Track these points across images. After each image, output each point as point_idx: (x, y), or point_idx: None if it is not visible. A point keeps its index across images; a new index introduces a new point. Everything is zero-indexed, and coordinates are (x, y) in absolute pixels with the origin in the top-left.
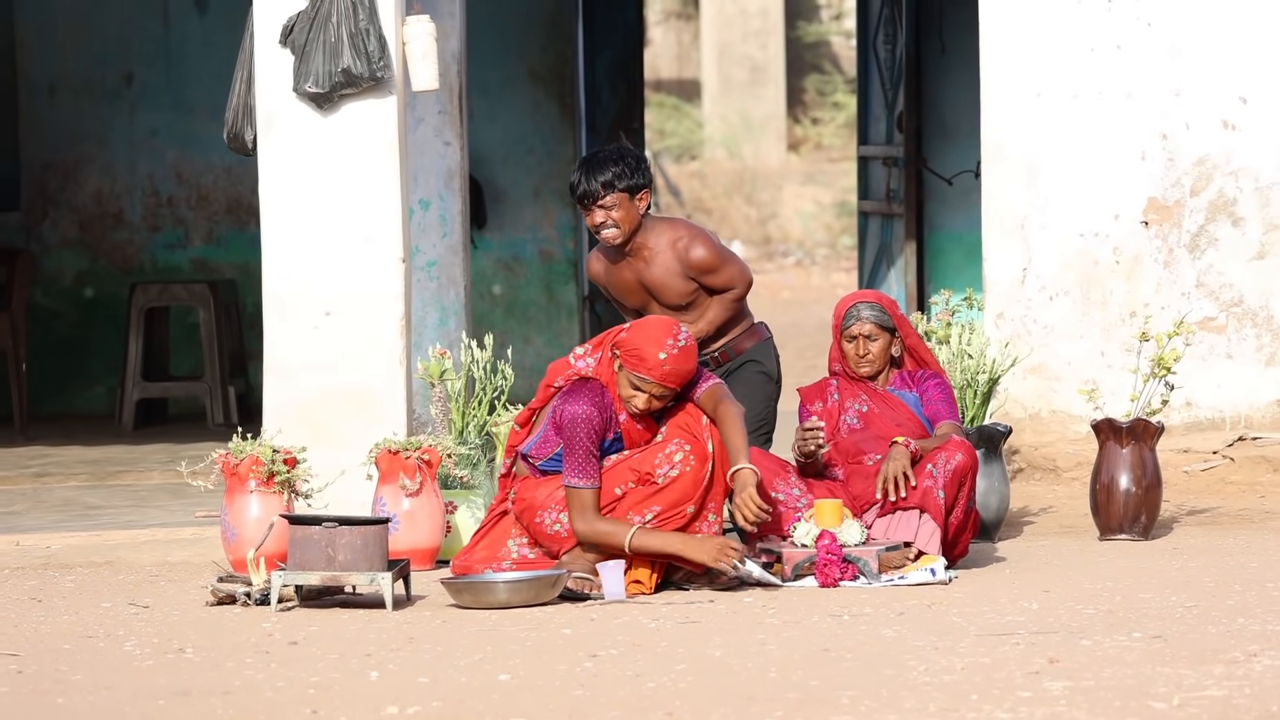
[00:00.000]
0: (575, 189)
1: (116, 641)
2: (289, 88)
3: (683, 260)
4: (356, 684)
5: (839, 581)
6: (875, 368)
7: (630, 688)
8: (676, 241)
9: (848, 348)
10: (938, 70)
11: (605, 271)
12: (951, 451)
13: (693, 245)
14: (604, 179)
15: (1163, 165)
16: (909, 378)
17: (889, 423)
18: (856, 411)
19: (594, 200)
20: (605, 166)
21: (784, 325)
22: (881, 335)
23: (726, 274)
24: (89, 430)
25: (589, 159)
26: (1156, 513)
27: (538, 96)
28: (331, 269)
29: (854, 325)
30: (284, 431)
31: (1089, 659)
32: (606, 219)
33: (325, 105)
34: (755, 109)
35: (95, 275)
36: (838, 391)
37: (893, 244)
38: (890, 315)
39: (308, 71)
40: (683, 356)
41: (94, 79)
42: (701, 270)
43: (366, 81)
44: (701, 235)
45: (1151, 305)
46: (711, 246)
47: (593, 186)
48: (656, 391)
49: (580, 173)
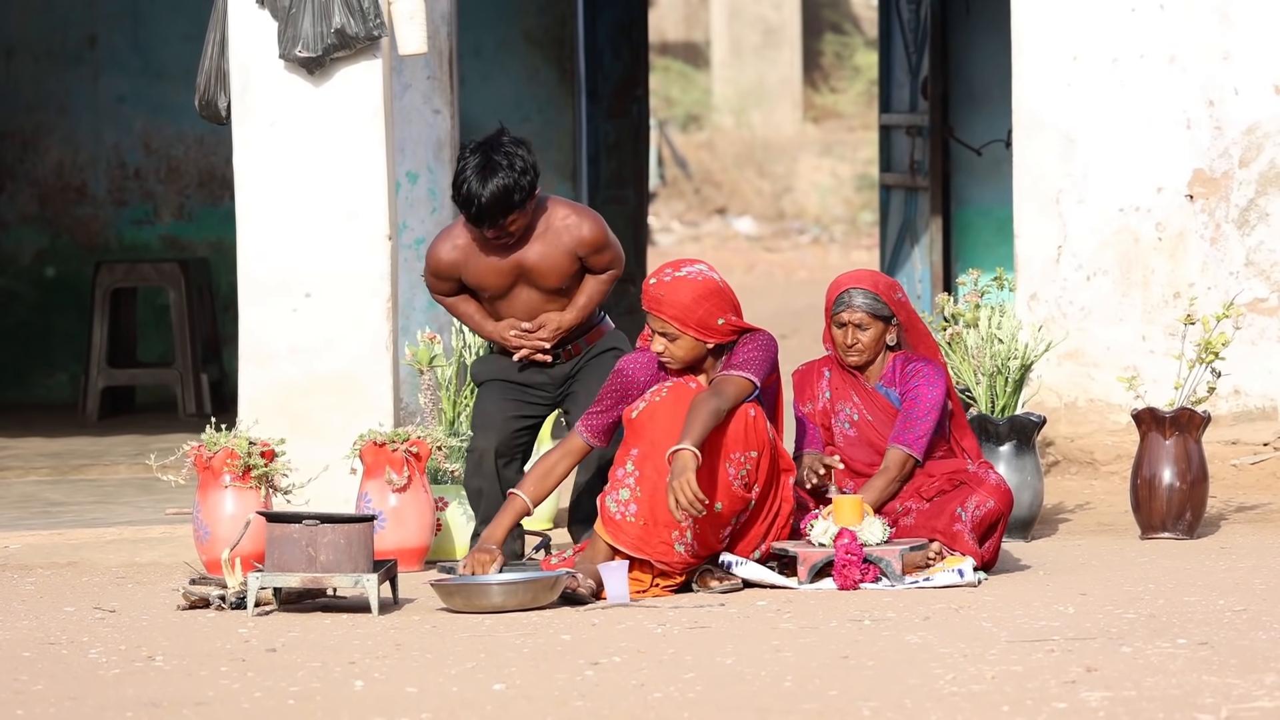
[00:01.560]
0: (469, 211)
1: (81, 649)
2: (266, 51)
3: (574, 238)
4: (340, 694)
5: (859, 583)
6: (864, 358)
7: (634, 698)
8: (564, 219)
9: (836, 334)
10: (966, 31)
11: (464, 257)
12: (984, 496)
13: (583, 222)
14: (503, 203)
15: (1209, 134)
16: (900, 371)
17: (879, 435)
18: (848, 418)
19: (494, 221)
20: (498, 181)
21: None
22: (874, 324)
23: (612, 252)
24: (50, 421)
25: (480, 167)
26: (1202, 509)
27: (534, 61)
28: (312, 247)
29: (844, 312)
30: (261, 422)
31: (1129, 667)
32: (504, 231)
33: (316, 70)
34: (768, 74)
35: (57, 253)
36: (829, 388)
37: (917, 220)
38: (885, 302)
39: (296, 35)
40: (674, 285)
41: (54, 41)
42: (593, 248)
43: (362, 42)
44: (588, 212)
45: (1197, 285)
46: (599, 222)
47: (493, 214)
48: (657, 327)
49: (469, 185)
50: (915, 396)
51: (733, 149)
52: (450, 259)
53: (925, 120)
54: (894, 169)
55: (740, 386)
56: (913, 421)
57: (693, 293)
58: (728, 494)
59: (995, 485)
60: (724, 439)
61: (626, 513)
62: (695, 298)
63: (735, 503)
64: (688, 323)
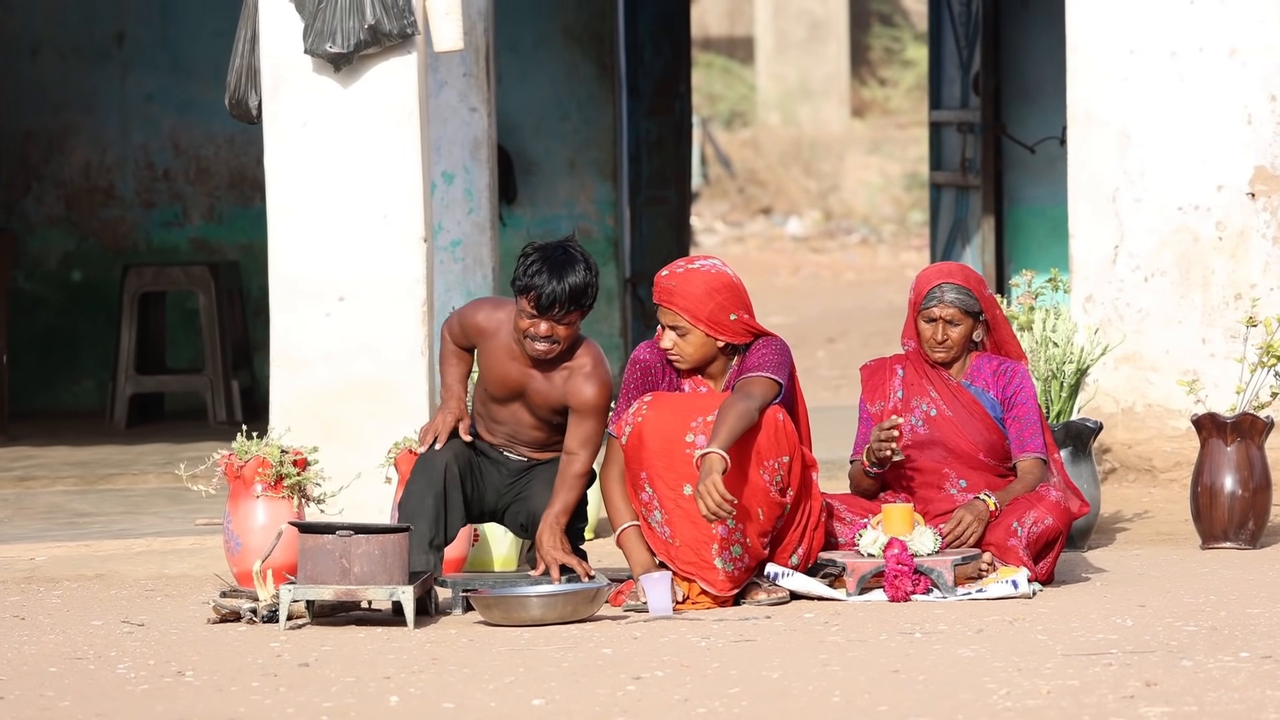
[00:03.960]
0: (541, 292)
1: (108, 664)
2: (298, 47)
3: (574, 388)
4: (375, 710)
5: (910, 595)
6: (953, 354)
7: (678, 713)
8: (582, 367)
9: (925, 329)
10: (1018, 25)
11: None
12: (1042, 512)
13: (587, 382)
14: (577, 293)
15: (1272, 130)
16: (991, 371)
17: (957, 431)
18: (923, 414)
19: (558, 314)
20: (577, 276)
21: (847, 310)
22: (964, 320)
23: (592, 429)
24: (77, 429)
25: (549, 258)
26: (1266, 518)
27: (573, 57)
28: (345, 249)
29: (935, 307)
30: (293, 430)
31: (1190, 681)
32: (554, 333)
33: (344, 66)
34: (815, 69)
35: (84, 257)
36: (902, 386)
37: (968, 219)
38: (977, 297)
39: (326, 30)
40: (686, 276)
41: (81, 38)
42: (578, 407)
43: (395, 39)
44: (604, 376)
45: (1259, 286)
46: (605, 392)
47: (562, 298)
48: (667, 320)
49: (545, 273)
50: (1025, 400)
51: (778, 147)
52: (485, 324)
53: (977, 116)
54: (945, 167)
55: (766, 387)
56: (1032, 427)
57: (705, 285)
58: (765, 500)
59: (1055, 503)
60: (756, 445)
61: (665, 534)
62: (708, 290)
63: (773, 508)
64: (699, 316)
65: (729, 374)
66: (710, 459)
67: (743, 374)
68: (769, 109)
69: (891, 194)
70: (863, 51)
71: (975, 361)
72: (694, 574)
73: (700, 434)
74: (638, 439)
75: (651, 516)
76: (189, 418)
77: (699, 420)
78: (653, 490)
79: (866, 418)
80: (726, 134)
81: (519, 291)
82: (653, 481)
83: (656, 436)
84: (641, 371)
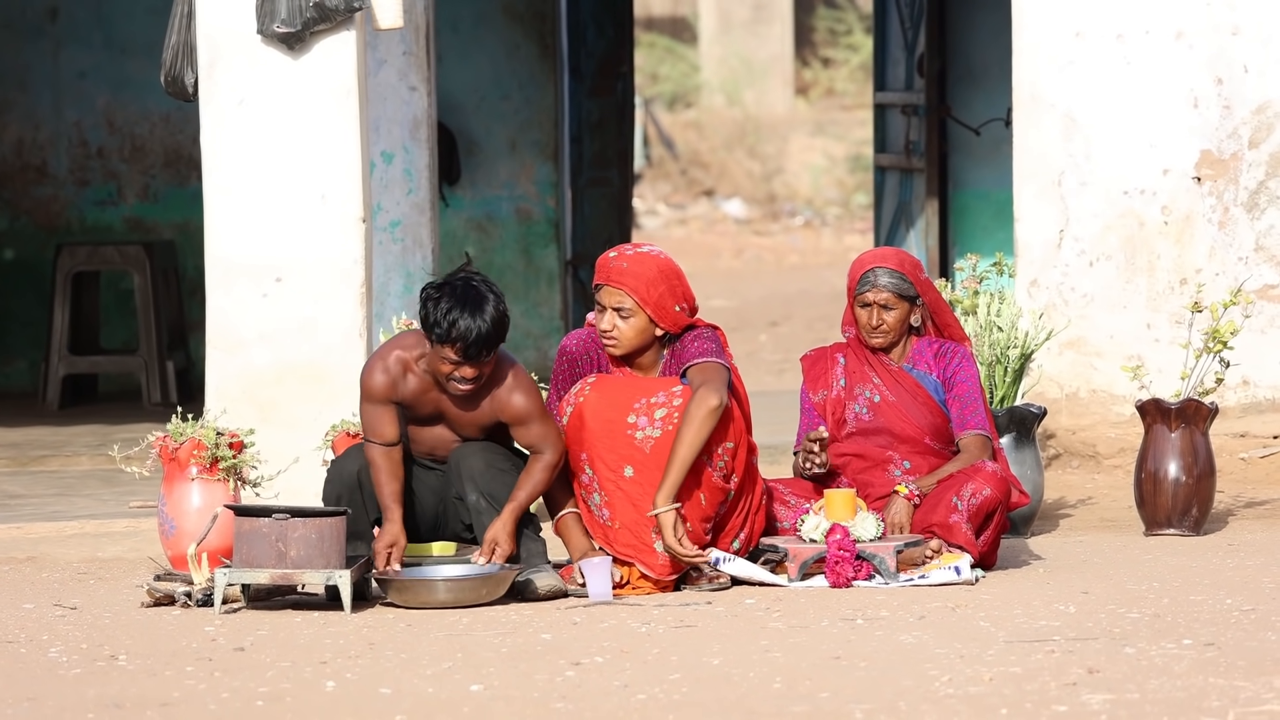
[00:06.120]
0: (466, 341)
1: (40, 647)
2: (235, 24)
3: (502, 404)
4: (310, 695)
5: (852, 581)
6: (890, 339)
7: (617, 700)
8: (499, 386)
9: (860, 314)
10: (964, 7)
11: (393, 386)
12: (980, 484)
13: (512, 395)
14: (499, 330)
15: (1218, 113)
16: (933, 354)
17: (902, 416)
18: (867, 401)
19: (485, 356)
20: (493, 312)
21: (790, 294)
22: (900, 305)
23: (542, 428)
24: (9, 410)
25: (460, 300)
26: (1209, 505)
27: (515, 36)
28: (282, 230)
29: (869, 292)
30: (229, 412)
31: (1133, 669)
32: (480, 371)
33: (296, 46)
34: (758, 50)
35: (16, 235)
36: (845, 375)
37: (913, 202)
38: (912, 281)
39: (273, 10)
40: (637, 258)
41: (13, 13)
42: (514, 419)
43: (342, 14)
44: (528, 383)
45: (1205, 271)
46: (533, 397)
47: (488, 342)
48: (611, 301)
49: (464, 319)
50: (965, 380)
51: (721, 128)
52: (376, 384)
53: (921, 99)
54: (889, 149)
55: (721, 373)
56: (973, 405)
57: (656, 269)
58: (709, 486)
59: (992, 473)
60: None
61: (603, 516)
62: (659, 274)
63: (716, 494)
64: (648, 299)
65: (660, 364)
66: (664, 520)
67: (684, 362)
68: (712, 90)
69: (835, 176)
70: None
71: (916, 345)
72: (633, 557)
73: (643, 415)
74: (579, 420)
75: (591, 499)
76: (123, 399)
77: (642, 402)
78: (593, 472)
79: (809, 408)
80: (669, 115)
81: (439, 341)
82: (593, 463)
83: (598, 418)
84: (569, 362)
